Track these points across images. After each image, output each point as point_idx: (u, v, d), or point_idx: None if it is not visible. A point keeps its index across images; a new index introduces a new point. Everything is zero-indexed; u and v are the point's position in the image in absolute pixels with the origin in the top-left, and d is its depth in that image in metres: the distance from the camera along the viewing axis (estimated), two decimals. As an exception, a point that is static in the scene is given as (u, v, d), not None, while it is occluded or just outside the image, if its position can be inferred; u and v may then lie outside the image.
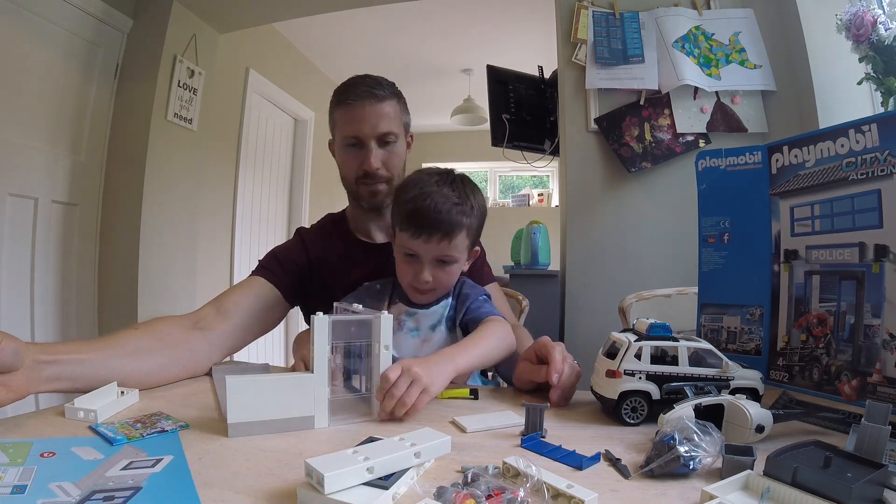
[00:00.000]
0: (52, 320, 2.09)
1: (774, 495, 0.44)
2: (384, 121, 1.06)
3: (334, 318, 0.67)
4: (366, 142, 1.06)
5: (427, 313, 0.96)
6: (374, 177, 1.07)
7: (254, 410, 0.62)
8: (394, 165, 1.09)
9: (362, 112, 1.05)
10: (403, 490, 0.47)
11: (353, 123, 1.06)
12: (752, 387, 0.69)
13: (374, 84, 1.07)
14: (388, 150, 1.08)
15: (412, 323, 0.97)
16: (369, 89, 1.06)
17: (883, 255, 0.67)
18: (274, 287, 1.04)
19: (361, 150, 1.07)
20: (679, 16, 1.71)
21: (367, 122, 1.05)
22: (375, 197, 1.09)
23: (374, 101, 1.05)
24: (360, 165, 1.07)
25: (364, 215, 1.15)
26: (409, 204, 0.90)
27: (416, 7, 2.72)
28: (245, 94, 3.11)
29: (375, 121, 1.05)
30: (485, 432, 0.65)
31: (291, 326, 3.69)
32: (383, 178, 1.08)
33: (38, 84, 1.98)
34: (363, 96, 1.05)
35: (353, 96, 1.05)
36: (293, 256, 1.11)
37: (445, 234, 0.89)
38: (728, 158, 0.90)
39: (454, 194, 0.91)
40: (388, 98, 1.07)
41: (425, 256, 0.91)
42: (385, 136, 1.06)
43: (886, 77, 1.27)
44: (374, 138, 1.05)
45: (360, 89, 1.06)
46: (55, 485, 0.46)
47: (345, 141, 1.08)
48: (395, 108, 1.08)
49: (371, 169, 1.06)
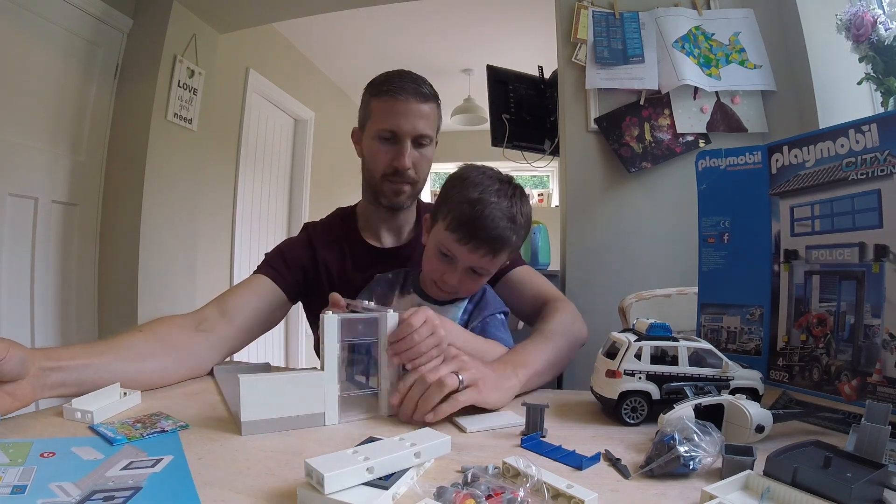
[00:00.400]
0: (52, 320, 2.09)
1: (774, 495, 0.44)
2: (424, 122, 1.03)
3: (342, 317, 0.67)
4: (402, 138, 1.02)
5: (440, 310, 0.92)
6: (403, 176, 1.04)
7: (266, 408, 0.62)
8: (423, 169, 1.07)
9: (406, 107, 1.01)
10: (403, 490, 0.47)
11: (394, 117, 1.01)
12: (752, 387, 0.69)
13: (421, 82, 1.05)
14: (422, 152, 1.05)
15: None
16: (416, 86, 1.03)
17: (883, 255, 0.67)
18: (278, 287, 1.03)
19: (395, 146, 1.03)
20: (679, 16, 1.70)
21: (409, 119, 1.01)
22: (398, 196, 1.06)
23: (418, 99, 1.02)
24: (390, 161, 1.03)
25: (377, 214, 1.12)
26: (467, 207, 0.87)
27: (416, 7, 2.72)
28: (245, 94, 3.11)
29: (416, 120, 1.02)
30: (485, 432, 0.65)
31: (291, 326, 3.70)
32: (411, 179, 1.05)
33: (38, 84, 1.98)
34: (409, 92, 1.02)
35: (398, 90, 1.02)
36: (299, 255, 1.09)
37: (493, 250, 0.88)
38: (728, 158, 0.90)
39: (512, 211, 0.89)
40: (431, 100, 1.05)
41: (462, 263, 0.89)
42: (421, 138, 1.04)
43: (886, 77, 1.27)
44: (411, 137, 1.02)
45: (405, 83, 1.02)
46: (55, 485, 0.46)
47: (380, 133, 1.03)
48: (434, 112, 1.06)
49: (403, 167, 1.02)
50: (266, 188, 3.49)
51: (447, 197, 0.92)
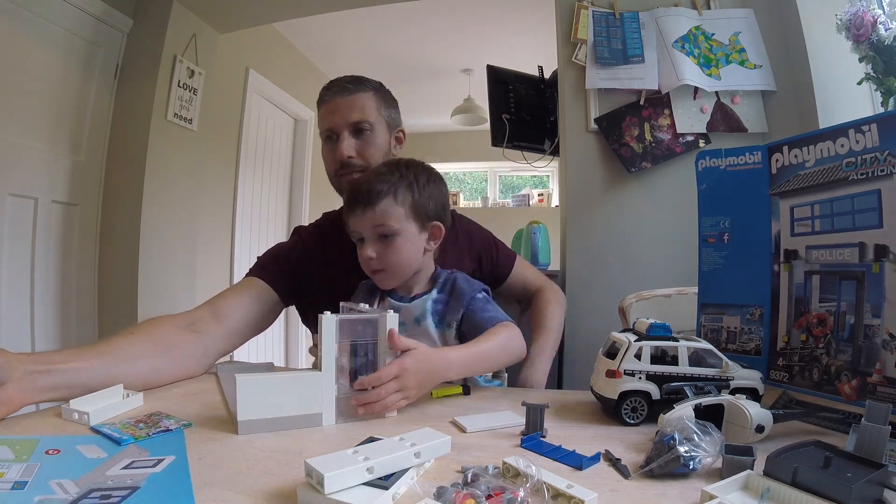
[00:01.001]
0: (51, 320, 2.09)
1: (774, 495, 0.44)
2: (355, 111, 1.08)
3: (341, 318, 0.68)
4: (339, 132, 1.09)
5: (409, 307, 0.94)
6: (348, 165, 1.08)
7: (263, 408, 0.62)
8: (370, 154, 1.10)
9: (335, 105, 1.09)
10: (403, 490, 0.47)
11: (327, 116, 1.10)
12: (752, 387, 0.69)
13: (350, 80, 1.11)
14: (363, 139, 1.10)
15: (400, 318, 0.95)
16: (342, 84, 1.10)
17: (883, 255, 0.67)
18: (271, 289, 1.04)
19: (337, 142, 1.09)
20: (679, 16, 1.70)
21: (339, 113, 1.08)
22: None
23: (345, 93, 1.09)
24: (334, 157, 1.09)
25: None
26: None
27: (416, 7, 2.72)
28: (245, 94, 3.11)
29: (346, 111, 1.08)
30: (485, 432, 0.65)
31: (291, 326, 3.70)
32: (359, 166, 1.09)
33: (38, 84, 1.98)
34: (336, 92, 1.09)
35: (328, 94, 1.10)
36: (292, 257, 1.10)
37: (368, 203, 0.89)
38: (728, 158, 0.90)
39: (384, 168, 0.93)
40: (361, 91, 1.10)
41: (365, 234, 0.91)
42: (358, 125, 1.08)
43: (886, 77, 1.27)
44: (346, 128, 1.08)
45: (333, 86, 1.11)
46: (55, 482, 0.46)
47: (323, 136, 1.12)
48: (371, 100, 1.10)
49: (342, 157, 1.07)
50: (266, 188, 3.49)
51: None
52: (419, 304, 0.95)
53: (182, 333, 0.88)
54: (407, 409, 0.74)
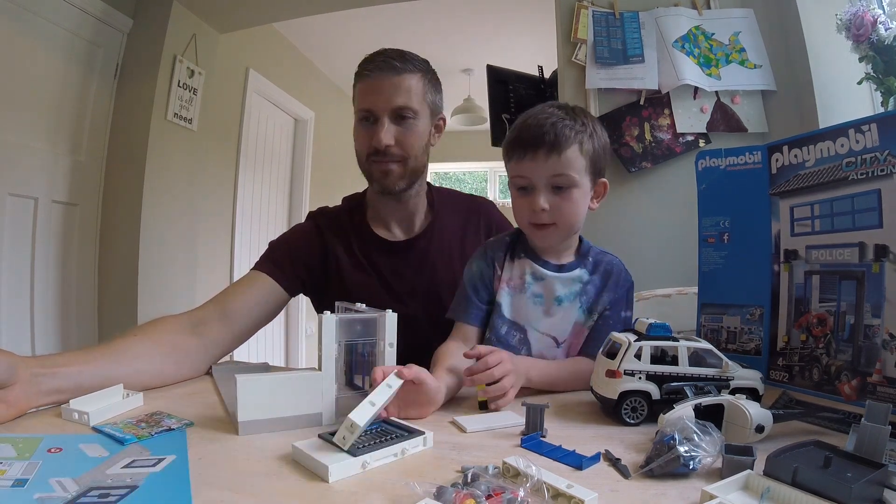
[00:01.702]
0: (51, 320, 2.09)
1: (774, 495, 0.44)
2: (401, 95, 0.98)
3: (340, 317, 0.67)
4: (379, 116, 0.98)
5: (559, 279, 0.86)
6: (385, 154, 0.99)
7: (263, 409, 0.62)
8: (410, 144, 1.00)
9: (378, 84, 0.98)
10: (374, 464, 0.52)
11: (368, 96, 0.99)
12: (752, 387, 0.69)
13: (396, 56, 1.00)
14: (405, 126, 0.99)
15: (538, 288, 0.87)
16: (388, 60, 0.98)
17: (883, 255, 0.67)
18: (278, 286, 1.01)
19: (374, 126, 0.99)
20: (679, 16, 1.70)
21: (382, 95, 0.97)
22: (387, 177, 1.01)
23: (391, 73, 0.98)
24: (370, 141, 1.00)
25: (384, 204, 1.08)
26: (516, 130, 0.84)
27: (416, 7, 2.72)
28: (245, 94, 3.11)
29: (390, 93, 0.97)
30: (485, 432, 0.65)
31: (291, 326, 3.70)
32: (396, 156, 0.99)
33: (38, 84, 1.98)
34: (381, 68, 0.98)
35: (372, 67, 0.99)
36: (306, 249, 1.06)
37: (552, 147, 0.80)
38: (728, 158, 0.90)
39: (562, 112, 0.83)
40: (409, 71, 0.99)
41: (539, 181, 0.82)
42: (401, 111, 0.98)
43: (886, 77, 1.27)
44: (388, 112, 0.98)
45: (378, 60, 0.99)
46: (55, 480, 0.46)
47: (359, 115, 1.01)
48: (418, 84, 1.00)
49: (380, 145, 0.97)
50: (266, 188, 3.49)
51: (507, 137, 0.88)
52: (571, 278, 0.87)
53: (185, 336, 0.87)
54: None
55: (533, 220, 0.84)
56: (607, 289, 0.88)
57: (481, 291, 0.89)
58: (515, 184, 0.85)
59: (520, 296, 0.87)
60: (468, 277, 0.91)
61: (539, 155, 0.80)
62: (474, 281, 0.90)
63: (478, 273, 0.90)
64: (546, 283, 0.87)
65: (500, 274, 0.89)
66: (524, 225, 0.87)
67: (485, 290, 0.89)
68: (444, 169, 5.80)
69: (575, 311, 0.87)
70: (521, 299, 0.87)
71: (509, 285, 0.88)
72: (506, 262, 0.90)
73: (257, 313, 0.98)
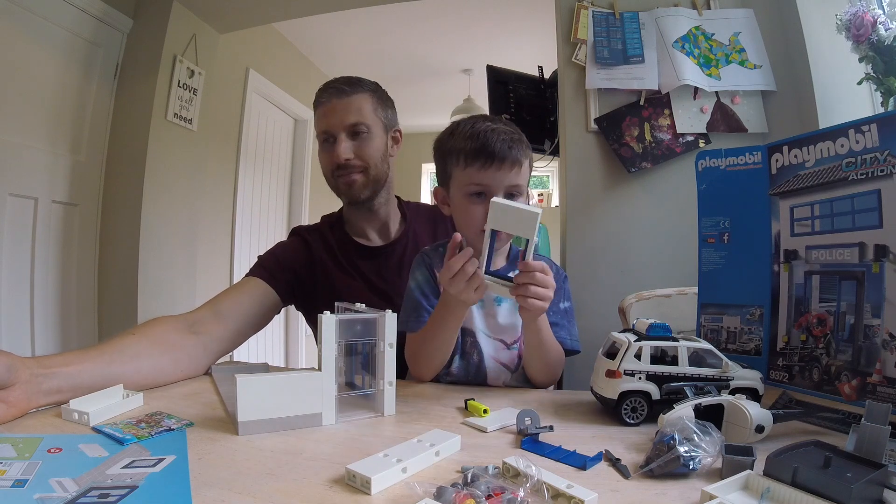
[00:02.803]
0: (51, 320, 2.09)
1: (774, 495, 0.44)
2: (352, 113, 1.08)
3: (341, 317, 0.68)
4: (335, 134, 1.08)
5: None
6: (346, 167, 1.09)
7: (263, 408, 0.62)
8: (368, 156, 1.10)
9: (330, 108, 1.09)
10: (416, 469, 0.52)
11: (323, 119, 1.10)
12: (752, 387, 0.69)
13: (345, 82, 1.11)
14: (360, 140, 1.09)
15: None
16: (338, 86, 1.10)
17: (883, 255, 0.67)
18: (271, 289, 1.05)
19: (334, 145, 1.09)
20: (679, 16, 1.70)
21: (336, 115, 1.08)
22: (351, 188, 1.10)
23: (342, 95, 1.08)
24: (331, 159, 1.09)
25: (358, 215, 1.15)
26: (470, 140, 0.88)
27: (416, 7, 2.72)
28: (245, 94, 3.11)
29: (343, 113, 1.08)
30: (485, 432, 0.65)
31: (291, 326, 3.70)
32: (357, 167, 1.09)
33: (38, 84, 1.98)
34: (332, 94, 1.09)
35: (324, 96, 1.09)
36: (293, 257, 1.11)
37: (515, 161, 0.87)
38: (728, 158, 0.90)
39: (508, 129, 0.90)
40: (357, 92, 1.10)
41: (497, 189, 0.87)
42: (354, 127, 1.08)
43: (886, 77, 1.27)
44: (343, 130, 1.08)
45: (329, 88, 1.10)
46: (55, 480, 0.46)
47: (320, 138, 1.11)
48: (368, 102, 1.10)
49: (339, 159, 1.08)
50: (266, 188, 3.49)
51: (448, 149, 0.92)
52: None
53: (183, 334, 0.88)
54: (408, 410, 0.74)
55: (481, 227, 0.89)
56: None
57: (430, 297, 0.94)
58: (470, 190, 0.89)
59: None
60: (414, 287, 0.96)
61: (504, 167, 0.87)
62: (421, 288, 0.95)
63: (423, 280, 0.96)
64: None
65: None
66: (476, 231, 0.88)
67: (434, 296, 0.94)
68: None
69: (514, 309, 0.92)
70: None
71: None
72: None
73: (252, 315, 1.01)
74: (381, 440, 0.61)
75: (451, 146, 0.91)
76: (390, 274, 1.13)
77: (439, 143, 0.95)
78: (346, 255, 1.13)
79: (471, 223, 0.89)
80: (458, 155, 0.89)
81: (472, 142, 0.88)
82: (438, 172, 0.96)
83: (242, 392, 0.61)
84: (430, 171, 6.06)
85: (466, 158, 0.88)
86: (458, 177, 0.90)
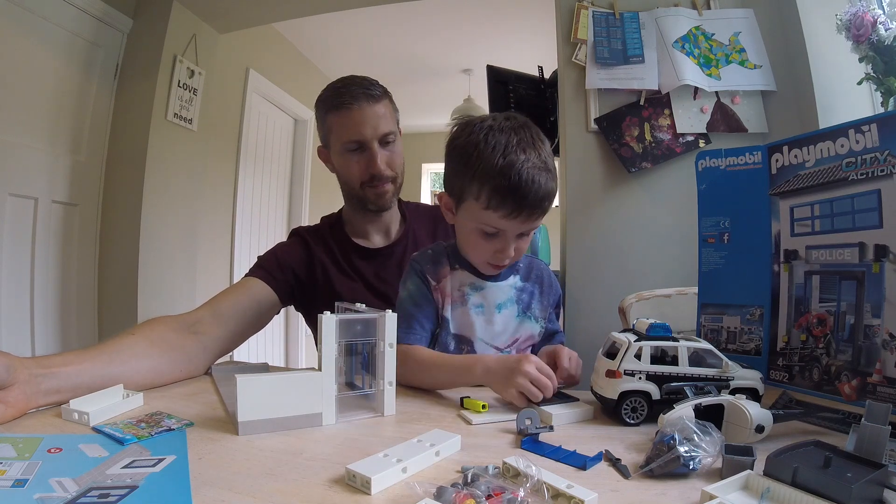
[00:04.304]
0: (51, 320, 2.09)
1: (774, 495, 0.44)
2: (384, 121, 1.05)
3: (341, 317, 0.68)
4: (369, 144, 1.04)
5: (496, 287, 0.89)
6: (381, 178, 1.06)
7: (263, 409, 0.62)
8: (397, 164, 1.09)
9: (361, 114, 1.03)
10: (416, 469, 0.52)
11: (354, 127, 1.03)
12: (752, 387, 0.69)
13: (368, 84, 1.06)
14: (390, 149, 1.08)
15: (478, 298, 0.90)
16: (364, 91, 1.04)
17: (883, 255, 0.67)
18: (270, 289, 1.04)
19: (364, 154, 1.05)
20: (679, 16, 1.70)
21: (369, 124, 1.03)
22: (383, 198, 1.09)
23: (371, 101, 1.04)
24: (365, 169, 1.06)
25: (363, 218, 1.14)
26: (500, 179, 0.78)
27: (416, 7, 2.72)
28: (245, 94, 3.11)
29: (376, 122, 1.04)
30: (484, 431, 0.65)
31: (291, 326, 3.70)
32: (389, 177, 1.07)
33: (38, 84, 1.98)
34: (360, 98, 1.03)
35: (350, 99, 1.03)
36: (293, 257, 1.10)
37: (542, 209, 0.82)
38: (728, 158, 0.90)
39: (542, 159, 0.80)
40: (382, 97, 1.07)
41: (512, 233, 0.83)
42: (386, 136, 1.06)
43: (886, 77, 1.27)
44: (376, 139, 1.04)
45: (354, 91, 1.04)
46: (55, 480, 0.46)
47: (346, 146, 1.06)
48: (389, 107, 1.08)
49: (378, 172, 1.05)
50: (266, 188, 3.49)
51: (467, 167, 0.81)
52: (506, 287, 0.91)
53: (182, 334, 0.88)
54: (408, 410, 0.74)
55: (494, 262, 0.87)
56: (544, 293, 0.95)
57: (423, 306, 0.90)
58: (485, 230, 0.83)
59: (462, 308, 0.90)
60: (406, 297, 0.91)
61: (531, 218, 0.82)
62: (413, 298, 0.90)
63: (414, 289, 0.91)
64: (485, 292, 0.91)
65: (434, 284, 0.91)
66: (481, 261, 0.88)
67: (426, 304, 0.90)
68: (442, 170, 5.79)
69: (513, 315, 0.91)
70: (463, 311, 0.90)
71: (451, 299, 0.91)
72: (438, 274, 0.91)
73: (251, 315, 1.01)
74: (381, 440, 0.61)
75: (474, 167, 0.80)
76: (390, 275, 1.12)
77: (457, 151, 0.85)
78: (346, 256, 1.13)
79: (478, 257, 0.88)
80: (482, 187, 0.80)
81: (502, 179, 0.78)
82: (448, 179, 0.88)
83: (242, 392, 0.61)
84: (431, 171, 6.05)
85: (490, 199, 0.79)
86: (474, 210, 0.82)
